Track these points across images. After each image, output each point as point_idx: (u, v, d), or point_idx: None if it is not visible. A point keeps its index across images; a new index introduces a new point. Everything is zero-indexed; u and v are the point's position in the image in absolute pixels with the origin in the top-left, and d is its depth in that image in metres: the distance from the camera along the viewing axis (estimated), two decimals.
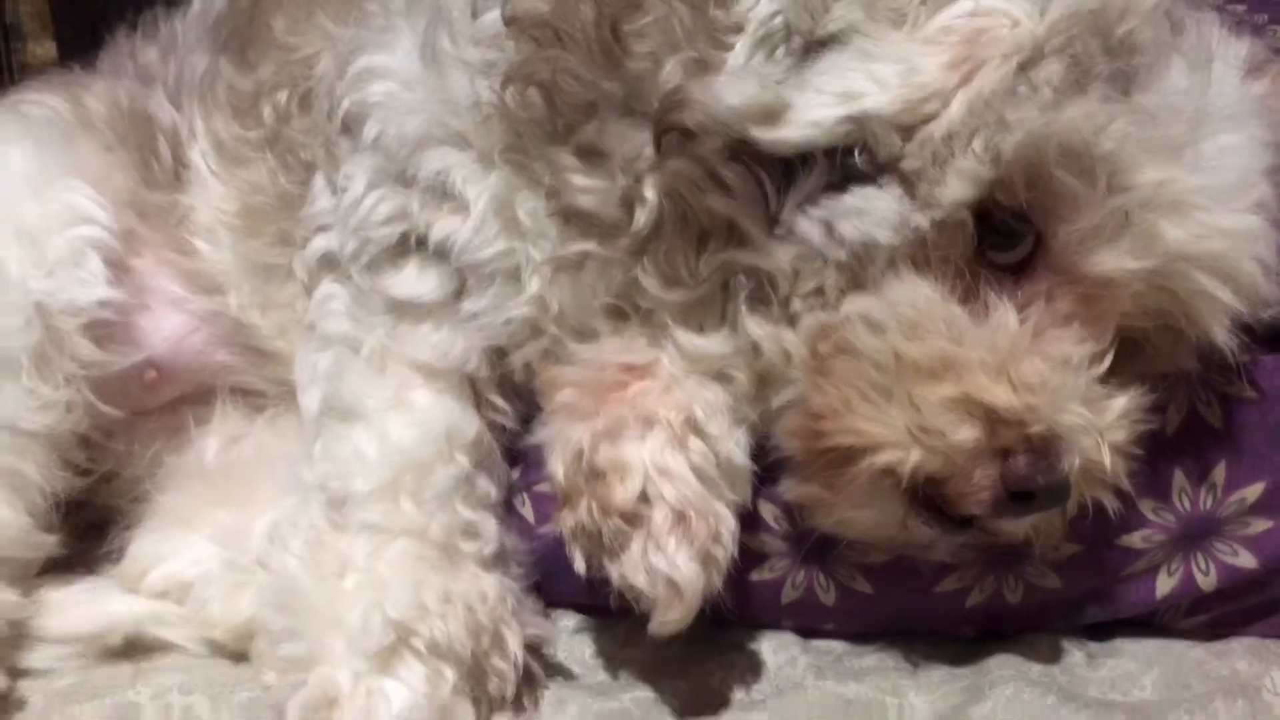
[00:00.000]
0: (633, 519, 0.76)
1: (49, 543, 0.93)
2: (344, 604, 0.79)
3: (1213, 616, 0.87)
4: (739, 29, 0.72)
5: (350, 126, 0.88)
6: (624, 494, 0.76)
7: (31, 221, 0.94)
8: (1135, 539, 0.84)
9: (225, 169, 1.01)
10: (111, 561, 0.98)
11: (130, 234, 0.99)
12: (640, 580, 0.76)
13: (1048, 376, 0.72)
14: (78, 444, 0.96)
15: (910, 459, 0.73)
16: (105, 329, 0.95)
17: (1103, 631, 0.88)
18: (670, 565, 0.75)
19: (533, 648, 0.85)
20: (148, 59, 1.08)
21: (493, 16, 0.80)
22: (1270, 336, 0.82)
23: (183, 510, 0.97)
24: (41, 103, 1.04)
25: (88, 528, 1.01)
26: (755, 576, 0.87)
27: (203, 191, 1.01)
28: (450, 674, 0.79)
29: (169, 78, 1.05)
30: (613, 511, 0.76)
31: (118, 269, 0.97)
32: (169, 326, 1.00)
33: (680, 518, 0.76)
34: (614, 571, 0.77)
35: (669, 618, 0.76)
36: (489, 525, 0.86)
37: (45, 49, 1.55)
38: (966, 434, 0.72)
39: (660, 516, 0.76)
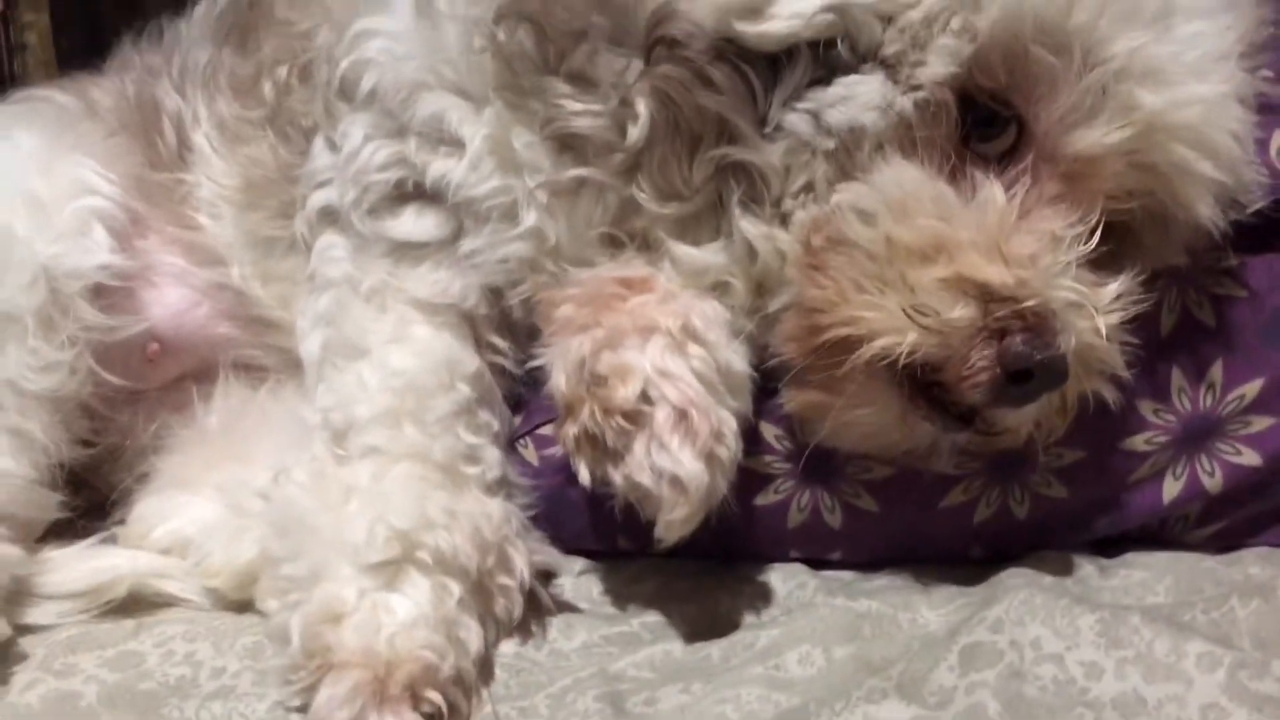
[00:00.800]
0: (635, 418, 0.76)
1: (53, 501, 0.93)
2: (348, 525, 0.79)
3: (1221, 526, 0.86)
4: None
5: (347, 89, 0.91)
6: (625, 394, 0.76)
7: (40, 194, 0.96)
8: (1138, 442, 0.84)
9: (227, 147, 1.03)
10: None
11: (135, 215, 1.02)
12: (645, 479, 0.75)
13: (1038, 251, 0.74)
14: (82, 412, 0.97)
15: (906, 341, 0.73)
16: (109, 296, 0.97)
17: (1113, 548, 0.87)
18: (674, 462, 0.75)
19: (541, 576, 0.85)
20: (152, 60, 1.11)
21: None
22: (1254, 239, 0.84)
23: (186, 473, 0.97)
24: (49, 98, 1.07)
25: (93, 506, 1.01)
26: (760, 501, 0.86)
27: (206, 168, 1.03)
28: (456, 588, 0.78)
29: (173, 70, 1.08)
30: (615, 412, 0.76)
31: (123, 242, 0.99)
32: (172, 299, 1.01)
33: (682, 416, 0.76)
34: (618, 475, 0.77)
35: (675, 516, 0.75)
36: (491, 452, 0.86)
37: None
38: (961, 312, 0.73)
39: (662, 415, 0.76)
